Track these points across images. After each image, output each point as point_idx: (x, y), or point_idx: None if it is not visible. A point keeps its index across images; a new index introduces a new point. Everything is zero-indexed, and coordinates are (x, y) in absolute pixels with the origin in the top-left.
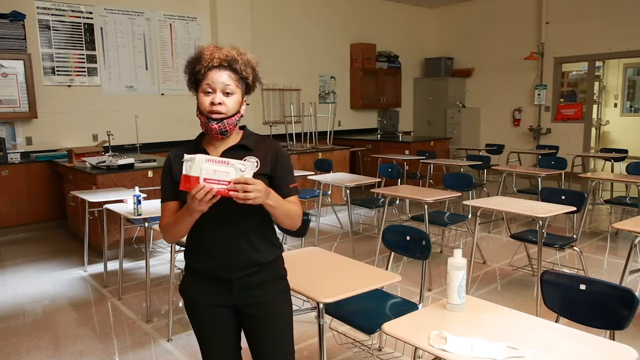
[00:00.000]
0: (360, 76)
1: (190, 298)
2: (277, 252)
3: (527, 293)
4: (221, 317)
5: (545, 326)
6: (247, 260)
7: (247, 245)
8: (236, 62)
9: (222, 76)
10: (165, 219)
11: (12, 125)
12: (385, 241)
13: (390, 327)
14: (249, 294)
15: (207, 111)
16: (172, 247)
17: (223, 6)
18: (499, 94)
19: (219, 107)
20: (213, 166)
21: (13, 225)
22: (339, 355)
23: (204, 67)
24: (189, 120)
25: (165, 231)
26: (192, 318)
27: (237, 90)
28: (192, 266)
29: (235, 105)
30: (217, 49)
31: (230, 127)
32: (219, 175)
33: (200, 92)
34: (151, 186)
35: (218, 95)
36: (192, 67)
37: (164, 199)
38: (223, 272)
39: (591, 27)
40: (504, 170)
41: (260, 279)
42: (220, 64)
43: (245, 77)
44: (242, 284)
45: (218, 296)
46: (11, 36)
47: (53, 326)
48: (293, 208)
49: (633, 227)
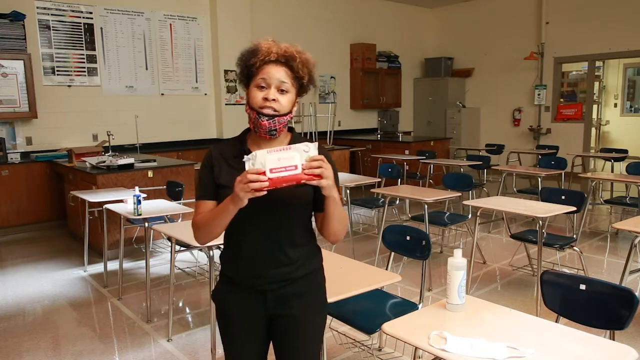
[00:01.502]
0: (360, 76)
1: (223, 305)
2: (317, 263)
3: (527, 293)
4: (252, 327)
5: (545, 326)
6: (281, 274)
7: (282, 257)
8: (294, 59)
9: (279, 72)
10: (200, 215)
11: (12, 125)
12: (385, 241)
13: (390, 327)
14: (284, 305)
15: (258, 106)
16: (172, 247)
17: (223, 6)
18: (499, 94)
19: (272, 103)
20: (277, 155)
21: (13, 225)
22: (339, 355)
23: (260, 61)
24: (189, 120)
25: (197, 229)
26: (221, 325)
27: (292, 89)
28: (227, 273)
29: (288, 104)
30: (275, 43)
31: (280, 127)
32: (284, 162)
33: (253, 86)
34: (151, 186)
35: (272, 91)
36: (246, 60)
37: (201, 197)
38: (258, 284)
39: (591, 27)
40: (504, 170)
41: (296, 289)
42: (278, 59)
43: (301, 76)
44: (277, 295)
45: (251, 306)
46: (11, 36)
47: (53, 326)
48: (346, 215)
49: (633, 227)
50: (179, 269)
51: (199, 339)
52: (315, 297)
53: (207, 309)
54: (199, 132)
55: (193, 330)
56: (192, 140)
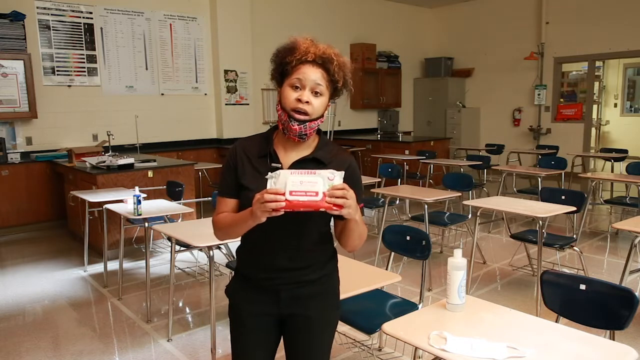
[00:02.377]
0: (360, 76)
1: (235, 301)
2: (331, 267)
3: (527, 293)
4: (263, 325)
5: (545, 326)
6: (295, 275)
7: (298, 260)
8: (331, 62)
9: (315, 74)
10: (221, 215)
11: (12, 125)
12: (385, 241)
13: (390, 327)
14: (297, 305)
15: (291, 107)
16: (172, 247)
17: (223, 6)
18: (499, 94)
19: (305, 105)
20: (299, 177)
21: (13, 225)
22: (339, 355)
23: (297, 60)
24: (189, 120)
25: (217, 228)
26: (233, 321)
27: (326, 92)
28: (242, 271)
29: (321, 107)
30: (313, 43)
31: (310, 132)
32: (306, 185)
33: (287, 85)
34: (151, 186)
35: (306, 93)
36: (282, 57)
37: (223, 194)
38: (272, 284)
39: (591, 27)
40: (504, 170)
41: (309, 291)
42: (315, 60)
43: (336, 80)
44: (291, 295)
45: (264, 305)
46: (11, 36)
47: (53, 326)
48: (366, 229)
49: (633, 227)
50: (179, 269)
51: (199, 339)
52: (329, 299)
53: (207, 309)
54: (199, 132)
55: (193, 330)
56: (192, 140)
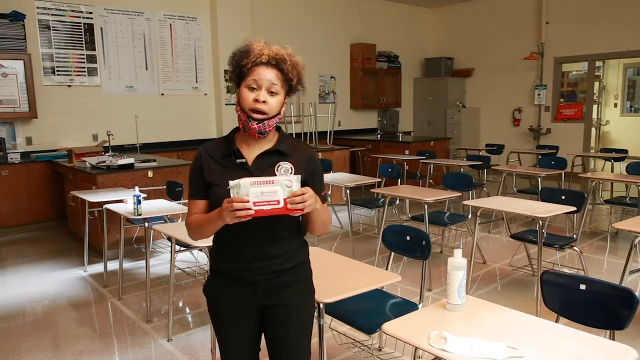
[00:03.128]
0: (360, 76)
1: (214, 298)
2: (303, 256)
3: (527, 293)
4: (243, 318)
5: (545, 326)
6: (271, 266)
7: (273, 250)
8: (285, 62)
9: (270, 74)
10: (192, 217)
11: (12, 125)
12: (385, 241)
13: (390, 327)
14: (273, 295)
15: (249, 108)
16: (172, 247)
17: (223, 6)
18: (499, 94)
19: (262, 105)
20: (260, 188)
21: (13, 225)
22: (339, 355)
23: (251, 62)
24: (189, 120)
25: (190, 229)
26: (213, 318)
27: (282, 91)
28: (217, 267)
29: (277, 106)
30: (266, 45)
31: (270, 129)
32: (267, 196)
33: (244, 87)
34: (151, 186)
35: (263, 93)
36: (238, 60)
37: (193, 196)
38: (248, 275)
39: (591, 27)
40: (504, 170)
41: (285, 280)
42: (269, 61)
43: (290, 78)
44: (267, 286)
45: (242, 297)
46: (11, 36)
47: (53, 326)
48: (329, 215)
49: (633, 227)
50: (179, 269)
51: (199, 339)
52: (304, 287)
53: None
54: (199, 132)
55: (193, 330)
56: (192, 140)
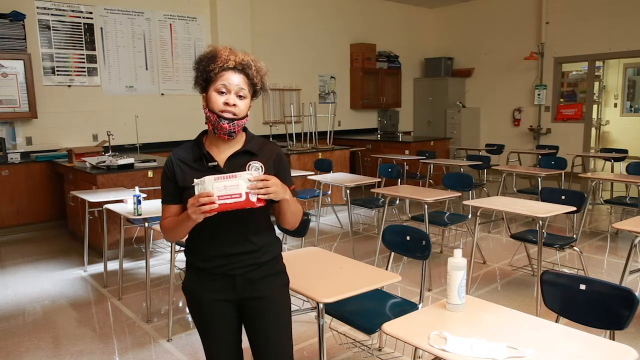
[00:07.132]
0: (360, 76)
1: (193, 295)
2: (278, 249)
3: (527, 293)
4: (224, 312)
5: (545, 326)
6: (249, 259)
7: (249, 244)
8: (250, 67)
9: (238, 79)
10: (166, 220)
11: (12, 125)
12: (385, 241)
13: (390, 327)
14: (252, 287)
15: (219, 110)
16: (172, 247)
17: (223, 6)
18: (499, 94)
19: (233, 108)
20: (222, 183)
21: (13, 225)
22: (339, 355)
23: (219, 67)
24: (189, 120)
25: (165, 231)
26: (194, 314)
27: (248, 94)
28: (194, 264)
29: (245, 108)
30: (232, 51)
31: (238, 129)
32: (230, 189)
33: (213, 91)
34: (151, 186)
35: (232, 97)
36: (205, 65)
37: (165, 202)
38: (226, 270)
39: (591, 27)
40: (504, 170)
41: (262, 273)
42: (235, 66)
43: (255, 83)
44: (244, 279)
45: (221, 292)
46: (11, 36)
47: (53, 326)
48: (299, 207)
49: (633, 227)
50: (179, 269)
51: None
52: (279, 279)
53: None
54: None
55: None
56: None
